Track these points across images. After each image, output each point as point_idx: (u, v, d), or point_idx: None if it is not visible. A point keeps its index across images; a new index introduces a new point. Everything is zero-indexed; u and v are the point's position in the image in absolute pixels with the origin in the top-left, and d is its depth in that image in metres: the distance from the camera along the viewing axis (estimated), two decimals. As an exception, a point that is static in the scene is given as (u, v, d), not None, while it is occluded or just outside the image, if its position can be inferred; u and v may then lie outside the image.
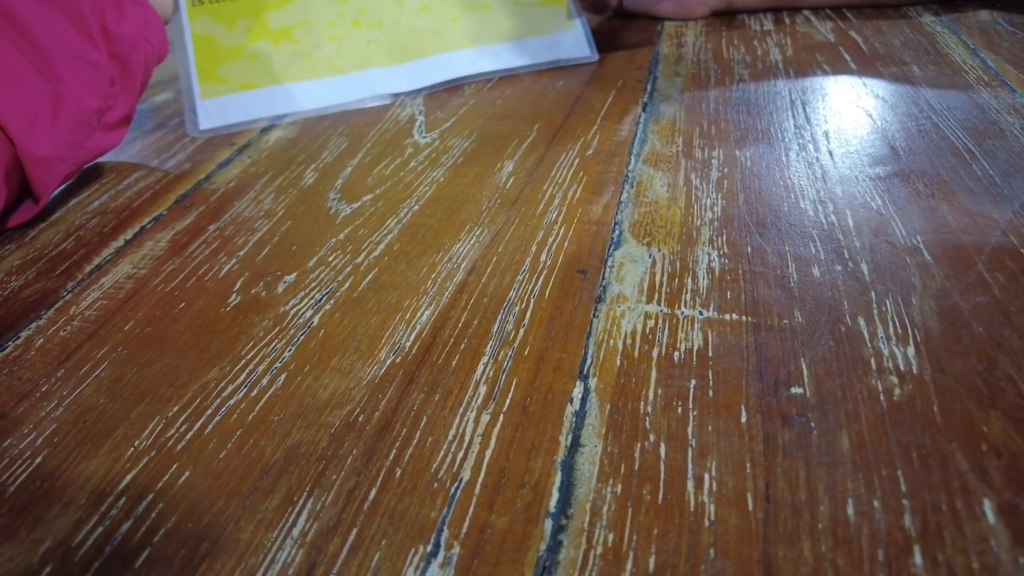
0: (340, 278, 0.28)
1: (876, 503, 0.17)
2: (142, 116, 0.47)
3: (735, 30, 0.54)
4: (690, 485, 0.18)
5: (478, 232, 0.30)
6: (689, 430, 0.20)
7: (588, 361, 0.23)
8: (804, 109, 0.39)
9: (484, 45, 0.49)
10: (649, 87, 0.45)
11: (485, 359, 0.23)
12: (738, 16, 0.58)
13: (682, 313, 0.24)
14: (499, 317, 0.25)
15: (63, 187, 0.37)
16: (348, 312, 0.26)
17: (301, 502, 0.19)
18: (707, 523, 0.17)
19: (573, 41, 0.50)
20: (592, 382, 0.22)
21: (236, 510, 0.19)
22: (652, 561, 0.16)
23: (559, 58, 0.49)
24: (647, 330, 0.24)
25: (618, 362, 0.22)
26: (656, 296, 0.25)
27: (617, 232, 0.29)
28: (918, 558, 0.16)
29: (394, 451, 0.20)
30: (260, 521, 0.18)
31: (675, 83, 0.45)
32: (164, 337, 0.26)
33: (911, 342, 0.22)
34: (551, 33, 0.50)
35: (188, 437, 0.21)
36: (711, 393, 0.21)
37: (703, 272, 0.26)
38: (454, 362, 0.23)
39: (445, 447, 0.20)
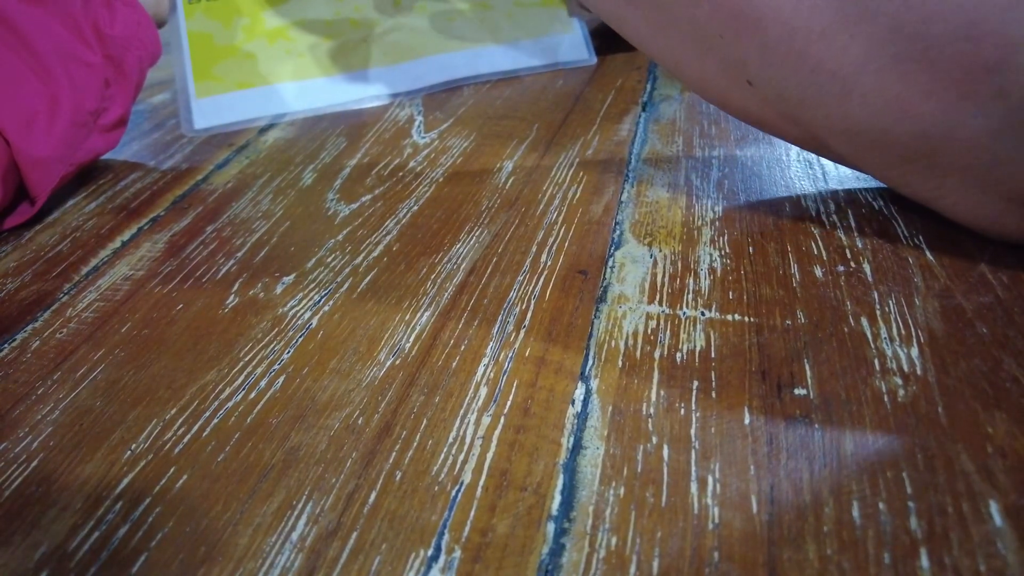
0: (339, 279, 0.28)
1: (881, 505, 0.17)
2: (139, 117, 0.47)
3: (734, 30, 0.54)
4: (694, 487, 0.18)
5: (478, 232, 0.30)
6: (692, 432, 0.20)
7: (589, 362, 0.22)
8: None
9: (481, 47, 0.49)
10: (649, 87, 0.45)
11: (485, 360, 0.23)
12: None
13: (684, 314, 0.24)
14: (499, 318, 0.25)
15: (60, 188, 0.36)
16: (347, 313, 0.26)
17: (300, 506, 0.18)
18: (711, 526, 0.17)
19: (571, 44, 0.50)
20: (594, 383, 0.22)
21: (234, 514, 0.18)
22: (656, 564, 0.16)
23: (557, 61, 0.49)
24: (649, 331, 0.24)
25: (620, 363, 0.22)
26: (658, 296, 0.25)
27: (618, 232, 0.29)
28: (924, 561, 0.16)
29: (394, 454, 0.20)
30: (259, 525, 0.18)
31: (675, 83, 0.45)
32: (161, 339, 0.25)
33: (914, 343, 0.22)
34: (549, 35, 0.50)
35: (186, 440, 0.21)
36: (714, 394, 0.21)
37: (705, 272, 0.26)
38: (454, 364, 0.23)
39: (446, 450, 0.20)
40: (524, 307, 0.25)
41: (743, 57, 0.26)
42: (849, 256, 0.26)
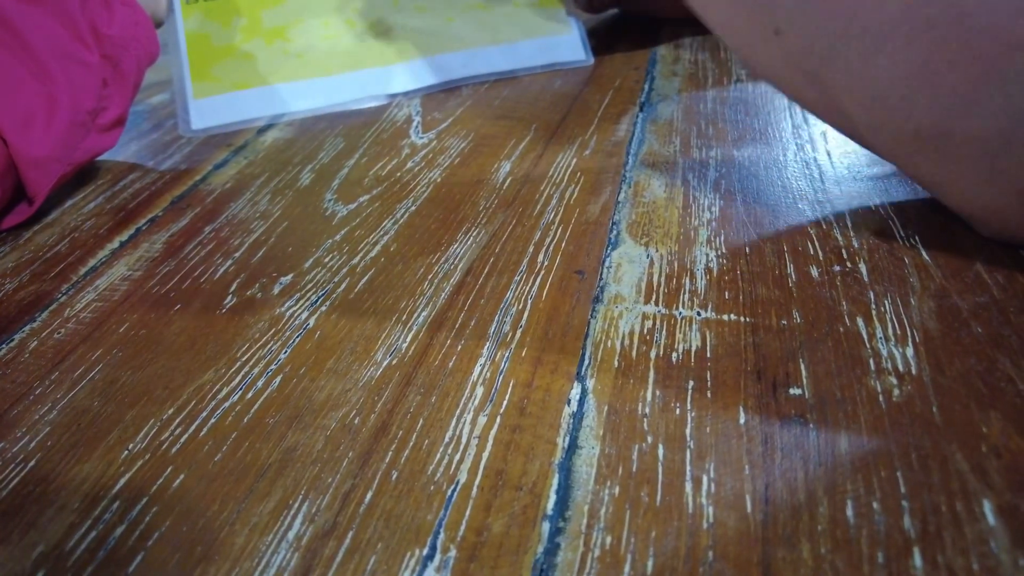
0: (336, 279, 0.28)
1: (875, 504, 0.17)
2: (138, 117, 0.47)
3: (732, 30, 0.54)
4: (688, 487, 0.18)
5: (475, 233, 0.30)
6: (687, 431, 0.20)
7: (586, 362, 0.23)
8: (802, 109, 0.39)
9: (479, 47, 0.49)
10: (647, 87, 0.45)
11: (482, 360, 0.23)
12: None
13: (680, 314, 0.24)
14: (496, 318, 0.25)
15: (58, 188, 0.36)
16: (344, 314, 0.26)
17: (296, 505, 0.19)
18: (706, 525, 0.17)
19: (569, 44, 0.50)
20: (590, 383, 0.22)
21: (231, 514, 0.18)
22: (650, 563, 0.16)
23: (554, 62, 0.49)
24: (645, 331, 0.24)
25: (616, 363, 0.22)
26: (654, 297, 0.25)
27: (615, 232, 0.29)
28: (918, 560, 0.16)
29: (390, 453, 0.20)
30: (255, 525, 0.18)
31: (672, 83, 0.45)
32: (159, 339, 0.25)
33: (910, 342, 0.22)
34: (547, 36, 0.50)
35: (183, 440, 0.21)
36: (709, 394, 0.21)
37: (701, 272, 0.26)
38: (451, 364, 0.23)
39: (442, 449, 0.20)
40: (521, 307, 0.25)
41: (775, 1, 0.25)
42: (845, 256, 0.26)
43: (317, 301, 0.27)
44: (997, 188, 0.24)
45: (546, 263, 0.28)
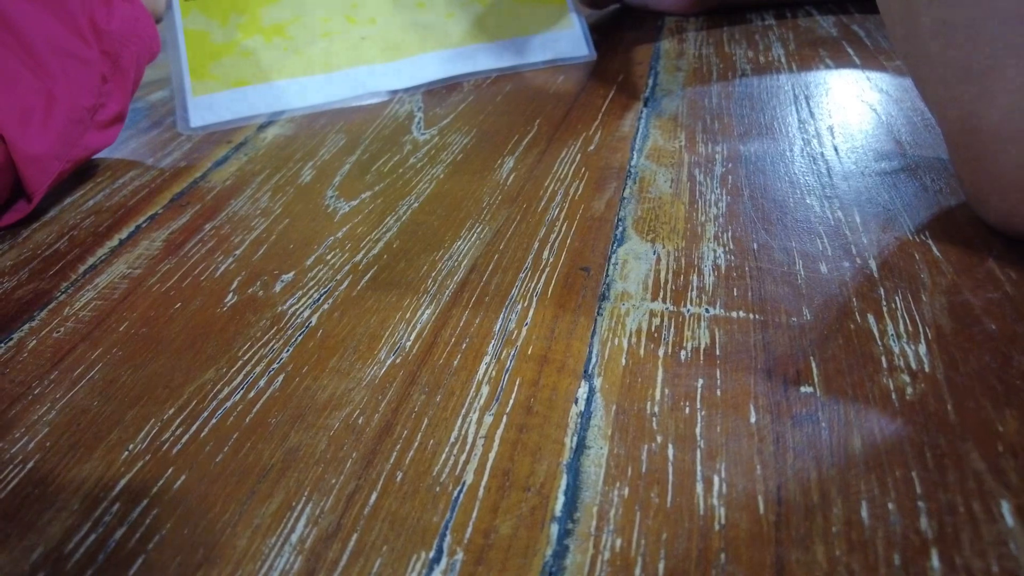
0: (339, 277, 0.28)
1: (891, 505, 0.17)
2: (137, 114, 0.46)
3: (737, 25, 0.54)
4: (699, 487, 0.18)
5: (479, 229, 0.30)
6: (697, 431, 0.19)
7: (593, 360, 0.22)
8: (808, 104, 0.39)
9: (480, 43, 0.48)
10: (651, 82, 0.44)
11: (487, 359, 0.23)
12: (739, 11, 0.57)
13: (688, 311, 0.24)
14: (501, 316, 0.25)
15: (57, 186, 0.36)
16: (347, 312, 0.26)
17: (299, 507, 0.18)
18: (717, 527, 0.17)
19: (571, 40, 0.50)
20: (597, 382, 0.21)
21: (233, 515, 0.18)
22: (661, 566, 0.16)
23: (557, 57, 0.49)
24: (652, 328, 0.23)
25: (623, 361, 0.22)
26: (661, 293, 0.25)
27: (620, 229, 0.29)
28: (935, 561, 0.15)
29: (395, 454, 0.20)
30: (258, 527, 0.18)
31: (677, 78, 0.44)
32: (159, 338, 0.25)
33: (922, 339, 0.22)
34: (549, 31, 0.49)
35: (184, 440, 0.21)
36: (719, 392, 0.20)
37: (709, 269, 0.26)
38: (456, 362, 0.23)
39: (447, 450, 0.19)
40: (526, 304, 0.25)
41: None
42: (854, 252, 0.26)
43: (319, 299, 0.26)
44: (968, 170, 0.24)
45: (551, 260, 0.27)
